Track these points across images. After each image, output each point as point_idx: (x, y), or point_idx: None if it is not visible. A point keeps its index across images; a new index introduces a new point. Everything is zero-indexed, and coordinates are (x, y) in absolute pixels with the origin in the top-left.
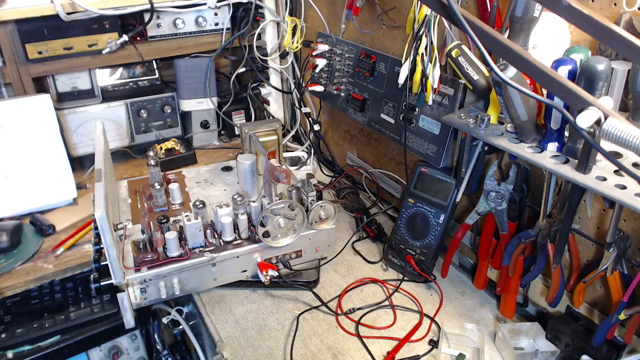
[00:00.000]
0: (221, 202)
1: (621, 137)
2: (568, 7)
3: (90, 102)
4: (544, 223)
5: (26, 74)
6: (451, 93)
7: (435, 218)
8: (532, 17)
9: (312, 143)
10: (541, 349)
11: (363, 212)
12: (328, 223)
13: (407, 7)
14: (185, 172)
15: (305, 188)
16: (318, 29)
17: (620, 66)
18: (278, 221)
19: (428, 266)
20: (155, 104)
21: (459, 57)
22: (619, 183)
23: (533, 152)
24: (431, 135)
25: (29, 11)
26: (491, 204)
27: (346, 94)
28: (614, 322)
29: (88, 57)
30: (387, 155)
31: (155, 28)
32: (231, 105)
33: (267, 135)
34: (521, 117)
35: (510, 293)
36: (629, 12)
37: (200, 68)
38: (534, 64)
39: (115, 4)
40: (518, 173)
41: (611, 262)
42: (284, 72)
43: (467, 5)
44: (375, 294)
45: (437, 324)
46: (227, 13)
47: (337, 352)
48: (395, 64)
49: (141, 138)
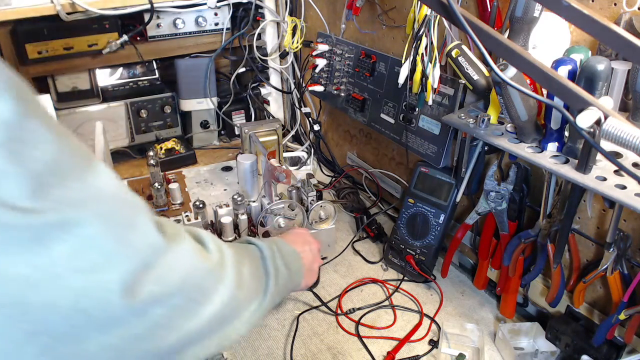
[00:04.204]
0: (221, 202)
1: (621, 137)
2: (568, 7)
3: (90, 102)
4: (544, 223)
5: (26, 74)
6: (451, 93)
7: (435, 218)
8: (532, 17)
9: (312, 143)
10: (541, 349)
11: (363, 212)
12: (328, 223)
13: (407, 7)
14: (185, 172)
15: (305, 188)
16: (318, 29)
17: (620, 66)
18: (278, 221)
19: (428, 266)
20: (155, 104)
21: (459, 57)
22: (619, 183)
23: (533, 152)
24: (431, 135)
25: (29, 11)
26: (491, 204)
27: (346, 94)
28: (614, 322)
29: (88, 57)
30: (387, 155)
31: (155, 28)
32: (231, 105)
33: (267, 135)
34: (521, 117)
35: (510, 293)
36: (629, 12)
37: (200, 68)
38: (534, 64)
39: (115, 4)
40: (518, 173)
41: (611, 262)
42: (284, 72)
43: (467, 5)
44: (375, 294)
45: (437, 324)
46: (227, 13)
47: (337, 352)
48: (395, 64)
49: (141, 138)
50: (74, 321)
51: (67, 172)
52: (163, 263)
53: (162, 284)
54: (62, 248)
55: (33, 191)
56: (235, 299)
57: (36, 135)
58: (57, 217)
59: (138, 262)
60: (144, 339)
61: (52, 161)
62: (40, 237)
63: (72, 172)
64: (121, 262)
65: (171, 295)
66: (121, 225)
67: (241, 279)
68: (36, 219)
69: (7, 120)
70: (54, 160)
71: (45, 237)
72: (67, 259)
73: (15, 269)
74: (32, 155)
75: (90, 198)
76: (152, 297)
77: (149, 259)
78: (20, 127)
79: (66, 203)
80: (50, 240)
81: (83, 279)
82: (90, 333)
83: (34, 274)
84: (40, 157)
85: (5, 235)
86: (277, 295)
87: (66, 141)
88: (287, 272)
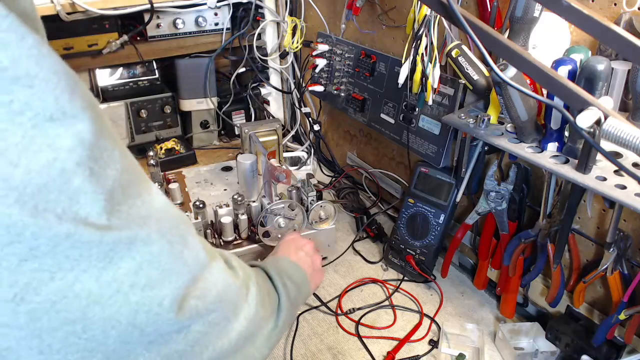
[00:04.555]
0: (221, 202)
1: (621, 137)
2: (568, 7)
3: None
4: (544, 223)
5: None
6: (451, 93)
7: (435, 218)
8: (532, 17)
9: (312, 143)
10: (541, 349)
11: (363, 212)
12: (328, 223)
13: (407, 7)
14: (185, 172)
15: (305, 188)
16: (318, 29)
17: (620, 66)
18: (278, 221)
19: (428, 266)
20: (155, 104)
21: (459, 57)
22: (619, 183)
23: (533, 152)
24: (431, 135)
25: None
26: (491, 204)
27: (346, 94)
28: (614, 322)
29: (88, 57)
30: (387, 155)
31: (155, 28)
32: (231, 105)
33: (267, 135)
34: (521, 117)
35: (510, 293)
36: (629, 12)
37: (200, 68)
38: (534, 64)
39: (115, 4)
40: (518, 173)
41: (611, 262)
42: (284, 72)
43: (467, 5)
44: (375, 294)
45: (437, 324)
46: (227, 13)
47: (337, 352)
48: (395, 64)
49: (141, 138)
50: (128, 337)
51: (132, 189)
52: (206, 278)
53: (204, 299)
54: (128, 265)
55: (106, 208)
56: (258, 317)
57: (108, 153)
58: (127, 234)
59: (189, 277)
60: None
61: (121, 179)
62: (110, 254)
63: (136, 190)
64: (175, 277)
65: (210, 311)
66: (177, 242)
67: (262, 297)
68: (109, 235)
69: (87, 140)
70: (122, 178)
71: (116, 253)
72: (130, 275)
73: (81, 285)
74: (106, 174)
75: (152, 215)
76: (195, 312)
77: (197, 273)
78: (98, 146)
79: (133, 220)
80: (119, 257)
81: (141, 295)
82: (139, 349)
83: (99, 290)
84: (112, 175)
85: (78, 252)
86: (291, 311)
87: (129, 159)
88: (294, 285)
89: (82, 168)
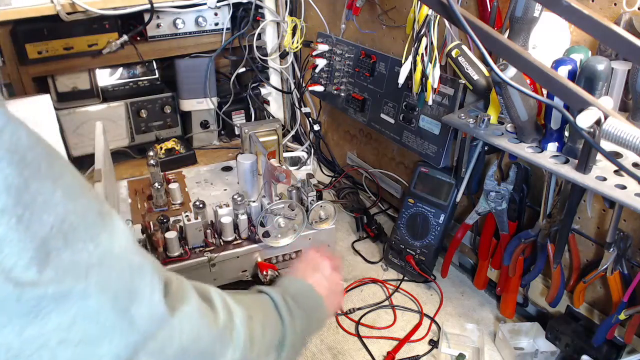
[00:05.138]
0: (221, 202)
1: (621, 137)
2: (568, 7)
3: (90, 102)
4: (544, 223)
5: (26, 74)
6: (451, 93)
7: (435, 218)
8: (532, 17)
9: (312, 143)
10: (541, 349)
11: (363, 212)
12: (328, 223)
13: (407, 7)
14: (185, 172)
15: (305, 188)
16: (318, 29)
17: (620, 66)
18: (278, 221)
19: (428, 266)
20: (155, 104)
21: (459, 57)
22: (619, 183)
23: (533, 152)
24: (431, 135)
25: (29, 11)
26: (491, 204)
27: (346, 94)
28: (614, 322)
29: (88, 57)
30: (387, 155)
31: (155, 28)
32: (231, 105)
33: (267, 135)
34: (521, 117)
35: (510, 293)
36: (629, 12)
37: (200, 68)
38: (534, 64)
39: (115, 4)
40: (518, 173)
41: (611, 262)
42: (284, 72)
43: (467, 5)
44: (375, 294)
45: (437, 324)
46: (227, 13)
47: (337, 352)
48: (395, 64)
49: (141, 138)
50: None
51: (76, 233)
52: (164, 334)
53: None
54: (58, 319)
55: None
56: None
57: (45, 197)
58: (57, 289)
59: (137, 336)
60: None
61: (62, 223)
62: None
63: (83, 233)
64: (118, 335)
65: None
66: (123, 296)
67: (253, 337)
68: (35, 291)
69: (12, 184)
70: (64, 222)
71: (43, 309)
72: (59, 331)
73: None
74: (41, 220)
75: (96, 263)
76: None
77: (149, 332)
78: (28, 190)
79: (70, 271)
80: (47, 311)
81: (73, 351)
82: None
83: (20, 345)
84: (48, 221)
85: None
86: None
87: (81, 200)
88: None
89: (7, 216)
